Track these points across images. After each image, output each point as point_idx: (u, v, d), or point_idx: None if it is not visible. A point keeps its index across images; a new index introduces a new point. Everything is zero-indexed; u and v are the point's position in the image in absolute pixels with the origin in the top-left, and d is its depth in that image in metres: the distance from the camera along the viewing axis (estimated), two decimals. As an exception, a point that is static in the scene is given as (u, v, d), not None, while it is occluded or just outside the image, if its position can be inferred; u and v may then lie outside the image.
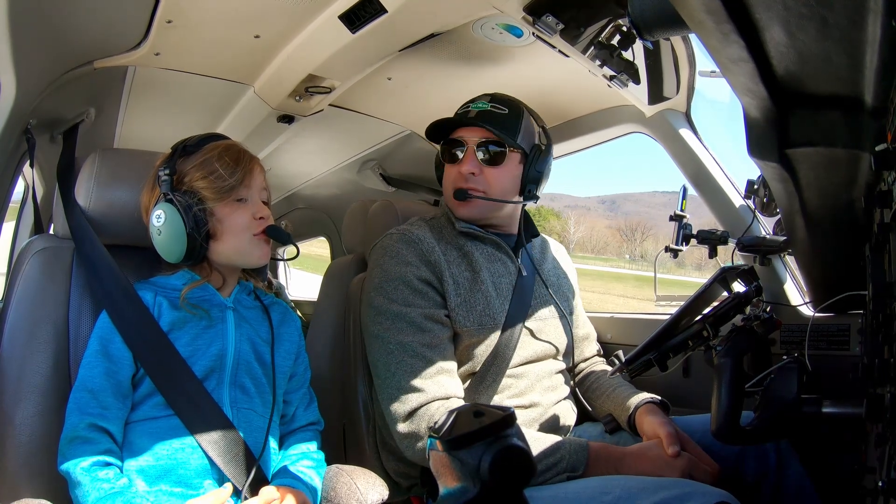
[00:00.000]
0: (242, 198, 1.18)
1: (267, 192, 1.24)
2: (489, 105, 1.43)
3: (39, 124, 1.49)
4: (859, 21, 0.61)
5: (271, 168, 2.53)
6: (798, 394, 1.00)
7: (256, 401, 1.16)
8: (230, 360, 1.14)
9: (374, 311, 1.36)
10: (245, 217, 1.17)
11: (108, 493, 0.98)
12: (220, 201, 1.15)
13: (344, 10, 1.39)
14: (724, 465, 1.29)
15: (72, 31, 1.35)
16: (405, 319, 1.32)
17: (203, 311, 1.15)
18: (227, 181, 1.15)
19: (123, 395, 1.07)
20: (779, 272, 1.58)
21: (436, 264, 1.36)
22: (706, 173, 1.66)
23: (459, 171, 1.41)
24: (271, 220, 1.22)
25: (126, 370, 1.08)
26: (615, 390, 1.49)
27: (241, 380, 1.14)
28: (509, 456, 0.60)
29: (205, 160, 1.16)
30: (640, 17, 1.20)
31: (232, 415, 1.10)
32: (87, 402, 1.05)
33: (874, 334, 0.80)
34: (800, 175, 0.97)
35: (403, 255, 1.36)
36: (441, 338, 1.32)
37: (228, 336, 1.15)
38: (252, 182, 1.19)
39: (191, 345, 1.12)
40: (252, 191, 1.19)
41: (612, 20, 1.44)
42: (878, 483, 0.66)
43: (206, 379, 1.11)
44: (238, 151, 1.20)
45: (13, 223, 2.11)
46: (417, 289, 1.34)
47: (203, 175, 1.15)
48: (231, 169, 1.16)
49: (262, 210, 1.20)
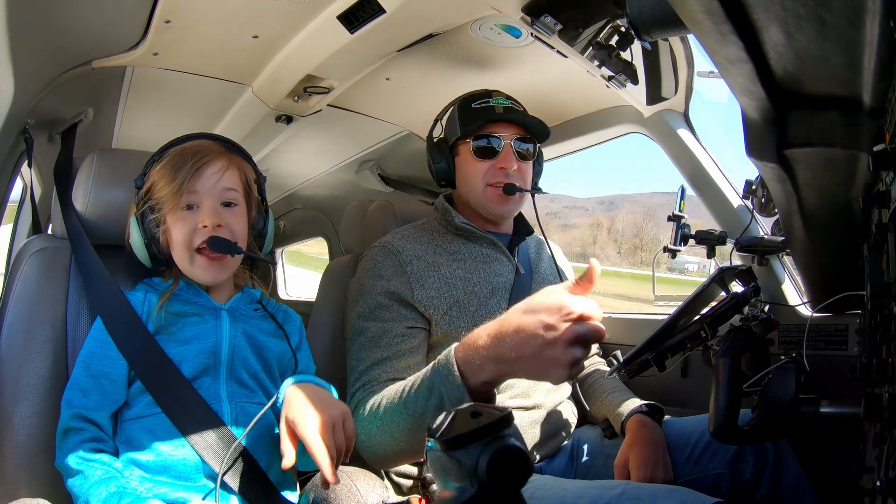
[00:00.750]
0: (192, 204, 1.11)
1: (239, 191, 1.15)
2: (508, 101, 1.45)
3: (37, 124, 1.49)
4: (857, 21, 0.62)
5: (269, 168, 2.53)
6: (796, 394, 1.00)
7: (259, 394, 1.15)
8: (225, 356, 1.13)
9: (348, 323, 1.37)
10: (186, 228, 1.10)
11: (101, 477, 0.98)
12: (169, 209, 1.10)
13: (342, 11, 1.39)
14: (722, 466, 1.29)
15: (70, 31, 1.34)
16: (366, 334, 1.31)
17: (195, 311, 1.15)
18: (169, 187, 1.09)
19: (116, 393, 1.07)
20: (777, 272, 1.58)
21: (412, 274, 1.35)
22: (704, 173, 1.66)
23: (500, 166, 1.41)
24: (224, 228, 1.11)
25: (120, 368, 1.08)
26: (608, 395, 1.49)
27: (238, 374, 1.14)
28: (507, 456, 0.60)
29: (161, 165, 1.12)
30: (638, 18, 1.20)
31: (230, 408, 1.10)
32: (77, 398, 1.06)
33: (872, 334, 0.80)
34: (798, 175, 0.97)
35: (378, 268, 1.37)
36: (397, 349, 1.29)
37: (223, 332, 1.14)
38: (199, 186, 1.10)
39: (183, 342, 1.11)
40: (200, 196, 1.10)
41: (611, 20, 1.44)
42: (876, 483, 0.66)
43: (200, 376, 1.10)
44: (186, 154, 1.12)
45: (10, 225, 2.10)
46: (383, 303, 1.33)
47: (157, 181, 1.12)
48: (173, 174, 1.09)
49: (209, 217, 1.09)
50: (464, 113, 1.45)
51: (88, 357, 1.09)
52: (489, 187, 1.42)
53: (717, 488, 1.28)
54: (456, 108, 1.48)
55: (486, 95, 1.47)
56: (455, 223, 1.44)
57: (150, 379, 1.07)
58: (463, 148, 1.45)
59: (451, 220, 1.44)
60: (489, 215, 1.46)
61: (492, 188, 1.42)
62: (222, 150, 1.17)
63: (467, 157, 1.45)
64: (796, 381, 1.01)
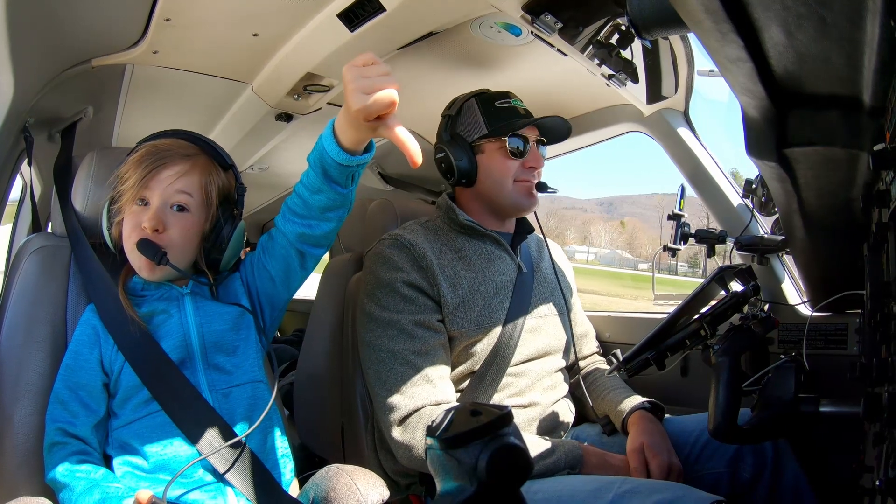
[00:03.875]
0: (144, 199, 1.11)
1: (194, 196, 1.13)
2: (522, 103, 1.49)
3: (37, 123, 1.49)
4: (858, 21, 0.61)
5: (269, 167, 2.53)
6: (796, 393, 1.00)
7: (237, 375, 1.16)
8: (196, 345, 1.13)
9: (366, 318, 1.37)
10: (130, 223, 1.11)
11: (85, 488, 1.00)
12: (127, 203, 1.12)
13: (342, 9, 1.38)
14: (721, 465, 1.29)
15: (70, 29, 1.34)
16: (395, 326, 1.32)
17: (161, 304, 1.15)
18: (128, 182, 1.11)
19: (94, 403, 1.09)
20: (777, 271, 1.58)
21: (428, 268, 1.36)
22: (704, 173, 1.66)
23: (529, 165, 1.45)
24: (164, 232, 1.10)
25: (95, 379, 1.10)
26: (609, 392, 1.49)
27: (215, 360, 1.14)
28: (506, 454, 0.60)
29: (131, 159, 1.14)
30: (638, 17, 1.20)
31: (212, 399, 1.11)
32: (59, 413, 1.08)
33: (872, 333, 0.80)
34: (798, 175, 0.97)
35: (394, 261, 1.37)
36: (432, 344, 1.32)
37: (188, 322, 1.15)
38: (154, 184, 1.10)
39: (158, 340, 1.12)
40: (153, 193, 1.10)
41: (611, 19, 1.44)
42: (875, 482, 0.66)
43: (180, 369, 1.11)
44: (151, 151, 1.12)
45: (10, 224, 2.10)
46: (407, 295, 1.34)
47: (125, 172, 1.13)
48: (136, 168, 1.11)
49: (150, 219, 1.09)
50: (488, 112, 1.46)
51: (65, 369, 1.11)
52: (517, 183, 1.45)
53: (716, 488, 1.28)
54: (477, 107, 1.48)
55: (505, 96, 1.49)
56: (460, 221, 1.44)
57: (148, 376, 1.08)
58: (490, 146, 1.45)
59: (456, 218, 1.44)
60: (515, 210, 1.49)
61: (520, 184, 1.45)
62: (191, 152, 1.15)
63: (495, 155, 1.45)
64: (796, 380, 1.01)
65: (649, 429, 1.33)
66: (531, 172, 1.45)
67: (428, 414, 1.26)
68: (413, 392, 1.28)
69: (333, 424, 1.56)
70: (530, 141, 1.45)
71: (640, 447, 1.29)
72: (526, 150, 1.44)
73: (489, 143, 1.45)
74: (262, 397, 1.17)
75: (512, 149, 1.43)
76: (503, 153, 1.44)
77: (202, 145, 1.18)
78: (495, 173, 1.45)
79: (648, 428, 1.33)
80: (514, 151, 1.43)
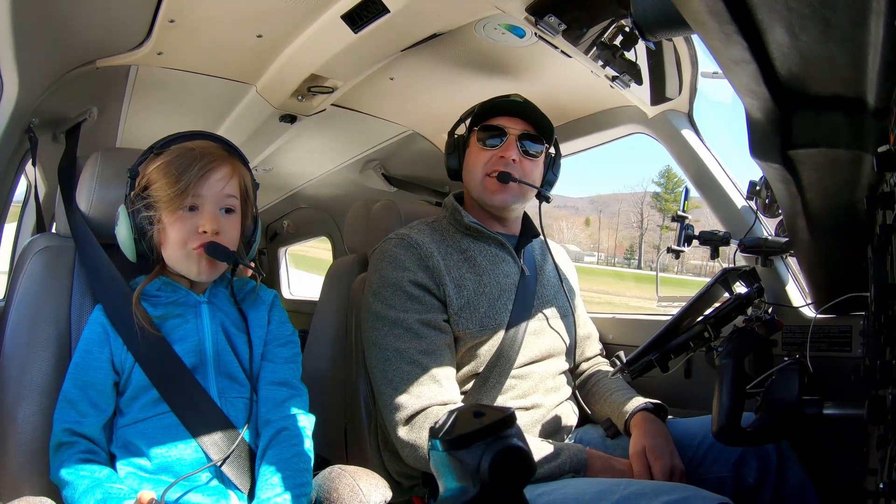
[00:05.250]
0: (194, 206, 1.11)
1: (238, 198, 1.16)
2: (522, 100, 1.47)
3: (42, 123, 1.50)
4: (862, 22, 0.61)
5: (273, 168, 2.54)
6: (799, 395, 1.00)
7: (248, 387, 1.16)
8: (210, 352, 1.14)
9: (371, 317, 1.36)
10: (184, 229, 1.11)
11: (88, 487, 1.00)
12: (168, 209, 1.10)
13: (346, 10, 1.39)
14: (725, 468, 1.29)
15: (74, 30, 1.35)
16: (402, 325, 1.32)
17: (176, 309, 1.15)
18: (173, 188, 1.09)
19: (104, 402, 1.09)
20: (780, 273, 1.58)
21: (434, 269, 1.36)
22: (708, 174, 1.66)
23: (500, 155, 1.42)
24: (222, 235, 1.12)
25: (106, 378, 1.10)
26: (612, 394, 1.49)
27: (227, 368, 1.14)
28: (509, 456, 0.60)
29: (164, 162, 1.12)
30: (642, 18, 1.20)
31: (221, 405, 1.11)
32: (67, 412, 1.07)
33: (876, 336, 0.79)
34: (802, 176, 0.97)
35: (401, 260, 1.37)
36: (438, 343, 1.32)
37: (204, 328, 1.15)
38: (204, 190, 1.11)
39: (171, 343, 1.12)
40: (205, 199, 1.11)
41: (615, 21, 1.44)
42: (879, 485, 0.66)
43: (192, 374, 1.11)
44: (193, 156, 1.12)
45: (15, 224, 2.11)
46: (413, 294, 1.34)
47: (157, 178, 1.11)
48: (177, 175, 1.09)
49: (210, 223, 1.10)
50: (482, 108, 1.48)
51: (75, 368, 1.11)
52: (487, 177, 1.44)
53: (719, 492, 1.26)
54: (478, 106, 1.50)
55: (506, 95, 1.49)
56: (464, 222, 1.44)
57: (157, 376, 1.08)
58: (471, 139, 1.47)
59: (461, 220, 1.45)
60: (486, 206, 1.47)
61: (489, 178, 1.43)
62: (226, 154, 1.16)
63: (473, 147, 1.47)
64: (800, 382, 1.01)
65: (651, 431, 1.32)
66: (502, 163, 1.42)
67: (434, 413, 1.26)
68: (419, 391, 1.27)
69: (336, 425, 1.56)
70: (509, 133, 1.43)
71: (642, 450, 1.28)
72: (500, 141, 1.43)
73: (472, 136, 1.47)
74: None
75: (481, 136, 1.44)
76: (478, 143, 1.45)
77: (224, 144, 1.20)
78: (471, 165, 1.47)
79: (650, 430, 1.32)
80: (484, 140, 1.44)
